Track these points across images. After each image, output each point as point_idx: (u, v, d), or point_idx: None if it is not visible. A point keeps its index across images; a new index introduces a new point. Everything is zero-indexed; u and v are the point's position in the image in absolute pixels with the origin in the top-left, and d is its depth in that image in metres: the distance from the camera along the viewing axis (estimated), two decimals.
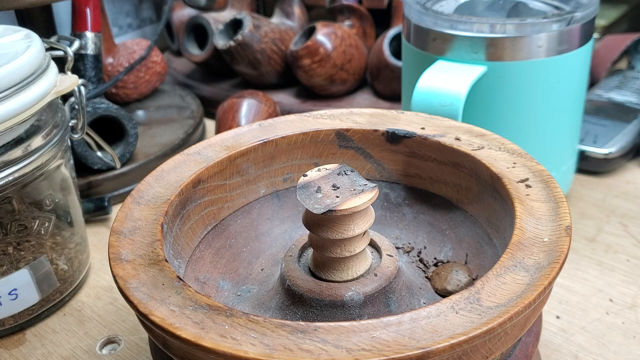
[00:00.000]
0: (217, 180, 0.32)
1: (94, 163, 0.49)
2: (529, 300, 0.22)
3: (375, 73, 0.59)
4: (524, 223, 0.26)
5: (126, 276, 0.24)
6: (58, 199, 0.38)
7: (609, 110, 0.53)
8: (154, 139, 0.55)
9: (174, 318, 0.22)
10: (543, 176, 0.29)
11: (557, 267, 0.23)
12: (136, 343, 0.36)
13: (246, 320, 0.22)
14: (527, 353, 0.27)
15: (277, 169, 0.35)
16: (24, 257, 0.36)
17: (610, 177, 0.49)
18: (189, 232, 0.31)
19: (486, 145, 0.32)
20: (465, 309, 0.21)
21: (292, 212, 0.35)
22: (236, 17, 0.61)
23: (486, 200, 0.31)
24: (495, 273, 0.23)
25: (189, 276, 0.30)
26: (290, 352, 0.20)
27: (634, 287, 0.37)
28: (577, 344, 0.34)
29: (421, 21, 0.39)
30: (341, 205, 0.26)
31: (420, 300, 0.29)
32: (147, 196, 0.29)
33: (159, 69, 0.61)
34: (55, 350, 0.36)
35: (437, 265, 0.32)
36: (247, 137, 0.34)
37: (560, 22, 0.36)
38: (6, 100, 0.32)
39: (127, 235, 0.27)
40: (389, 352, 0.20)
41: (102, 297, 0.40)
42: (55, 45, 0.43)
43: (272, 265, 0.32)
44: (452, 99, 0.35)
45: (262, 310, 0.29)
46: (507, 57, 0.37)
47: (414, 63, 0.41)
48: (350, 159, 0.35)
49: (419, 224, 0.34)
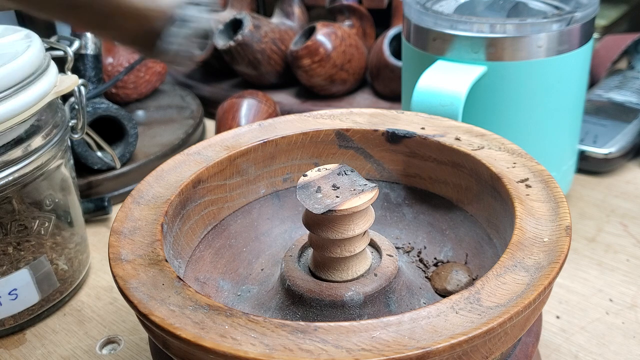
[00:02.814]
0: (217, 180, 0.32)
1: (94, 163, 0.49)
2: (529, 300, 0.22)
3: (375, 73, 0.59)
4: (524, 223, 0.26)
5: (126, 276, 0.24)
6: (58, 199, 0.38)
7: (609, 110, 0.53)
8: (154, 139, 0.55)
9: (174, 318, 0.22)
10: (543, 176, 0.29)
11: (557, 267, 0.23)
12: (136, 343, 0.36)
13: (246, 320, 0.22)
14: (527, 353, 0.27)
15: (277, 169, 0.35)
16: (24, 257, 0.36)
17: (610, 177, 0.49)
18: (189, 232, 0.31)
19: (486, 145, 0.32)
20: (465, 309, 0.21)
21: (292, 212, 0.35)
22: (236, 17, 0.61)
23: (486, 200, 0.31)
24: (495, 273, 0.23)
25: (189, 276, 0.30)
26: (290, 352, 0.20)
27: (634, 287, 0.37)
28: (577, 344, 0.34)
29: (421, 21, 0.39)
30: (341, 205, 0.26)
31: (420, 300, 0.29)
32: (147, 196, 0.29)
33: (159, 69, 0.61)
34: (55, 350, 0.36)
35: (437, 265, 0.32)
36: (247, 137, 0.34)
37: (560, 22, 0.36)
38: (6, 100, 0.32)
39: (127, 235, 0.27)
40: (389, 352, 0.20)
41: (102, 297, 0.40)
42: (55, 45, 0.43)
43: (272, 265, 0.32)
44: (452, 99, 0.35)
45: (262, 310, 0.29)
46: (507, 57, 0.37)
47: (414, 63, 0.41)
48: (350, 159, 0.35)
49: (419, 224, 0.34)
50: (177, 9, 0.18)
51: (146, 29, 0.18)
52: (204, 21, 0.18)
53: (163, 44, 0.18)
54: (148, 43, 0.18)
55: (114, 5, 0.17)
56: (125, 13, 0.17)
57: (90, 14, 0.18)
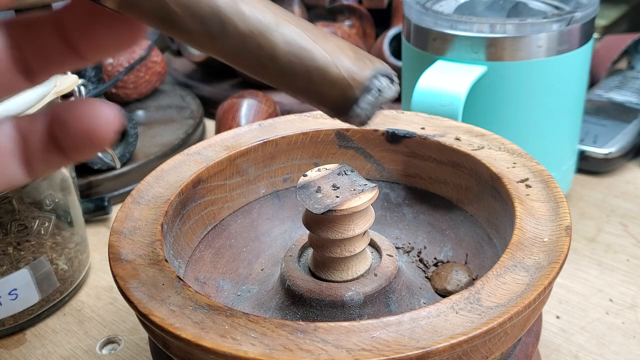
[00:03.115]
0: (217, 180, 0.32)
1: (94, 163, 0.49)
2: (529, 300, 0.22)
3: None
4: (524, 223, 0.26)
5: (126, 276, 0.24)
6: (58, 198, 0.38)
7: (609, 110, 0.53)
8: (154, 139, 0.55)
9: (174, 318, 0.22)
10: (543, 176, 0.29)
11: (557, 267, 0.23)
12: (136, 343, 0.36)
13: (246, 320, 0.22)
14: (527, 353, 0.27)
15: (277, 169, 0.35)
16: (24, 257, 0.36)
17: (610, 177, 0.49)
18: (189, 232, 0.31)
19: (486, 145, 0.32)
20: (465, 309, 0.21)
21: (292, 212, 0.35)
22: None
23: (486, 200, 0.31)
24: (495, 273, 0.23)
25: (189, 276, 0.30)
26: (290, 352, 0.20)
27: (634, 287, 0.37)
28: (577, 344, 0.34)
29: (421, 21, 0.39)
30: (341, 205, 0.26)
31: (420, 300, 0.29)
32: (147, 196, 0.29)
33: (159, 69, 0.61)
34: (55, 350, 0.36)
35: (437, 265, 0.32)
36: (247, 137, 0.34)
37: (560, 22, 0.36)
38: (6, 100, 0.32)
39: (127, 235, 0.27)
40: (389, 352, 0.20)
41: (102, 297, 0.40)
42: None
43: (272, 265, 0.32)
44: (452, 99, 0.35)
45: (262, 310, 0.29)
46: (507, 57, 0.37)
47: (414, 63, 0.41)
48: (350, 159, 0.35)
49: (419, 224, 0.34)
50: (375, 80, 0.20)
51: (346, 96, 0.20)
52: (392, 91, 0.20)
53: (357, 110, 0.20)
54: (344, 109, 0.20)
55: (322, 75, 0.20)
56: (330, 82, 0.20)
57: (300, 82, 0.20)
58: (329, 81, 0.20)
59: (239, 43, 0.19)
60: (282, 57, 0.20)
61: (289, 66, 0.20)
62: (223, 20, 0.19)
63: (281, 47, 0.20)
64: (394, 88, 0.20)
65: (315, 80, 0.20)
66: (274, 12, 0.20)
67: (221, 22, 0.19)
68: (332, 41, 0.20)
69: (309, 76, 0.20)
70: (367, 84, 0.20)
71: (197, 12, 0.19)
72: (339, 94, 0.20)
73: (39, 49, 0.22)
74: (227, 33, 0.19)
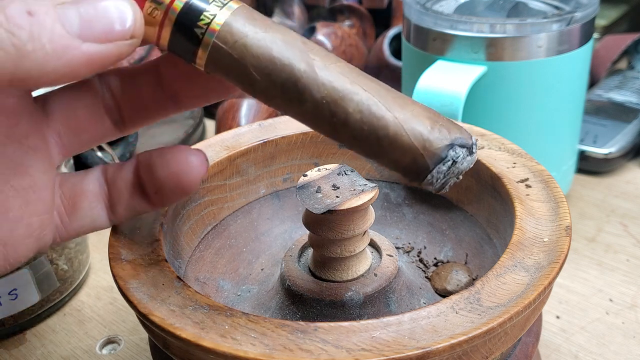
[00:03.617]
0: (217, 180, 0.32)
1: (94, 163, 0.49)
2: (529, 300, 0.22)
3: (375, 73, 0.59)
4: (524, 223, 0.26)
5: (126, 276, 0.24)
6: None
7: (609, 110, 0.53)
8: (154, 139, 0.55)
9: (174, 318, 0.22)
10: (543, 176, 0.29)
11: (557, 267, 0.23)
12: (136, 343, 0.36)
13: (246, 320, 0.22)
14: (527, 353, 0.27)
15: (277, 169, 0.35)
16: None
17: (610, 177, 0.49)
18: (189, 232, 0.31)
19: (486, 145, 0.32)
20: (465, 309, 0.21)
21: (292, 212, 0.35)
22: None
23: (486, 200, 0.31)
24: (495, 273, 0.23)
25: (189, 276, 0.30)
26: (290, 352, 0.20)
27: (634, 287, 0.37)
28: (577, 344, 0.34)
29: (421, 21, 0.39)
30: (341, 205, 0.26)
31: (420, 300, 0.29)
32: None
33: None
34: (55, 350, 0.36)
35: (437, 265, 0.32)
36: (247, 137, 0.34)
37: (560, 22, 0.36)
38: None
39: (127, 235, 0.27)
40: (389, 352, 0.20)
41: (102, 297, 0.40)
42: None
43: (272, 265, 0.32)
44: (452, 99, 0.35)
45: (262, 310, 0.29)
46: (507, 57, 0.37)
47: (414, 63, 0.41)
48: (350, 159, 0.35)
49: (419, 224, 0.34)
50: (450, 150, 0.20)
51: (418, 165, 0.20)
52: (468, 162, 0.21)
53: (430, 179, 0.21)
54: (417, 176, 0.21)
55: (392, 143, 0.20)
56: (401, 150, 0.20)
57: (372, 148, 0.21)
58: (400, 149, 0.20)
59: (314, 109, 0.20)
60: (353, 124, 0.20)
61: (360, 133, 0.20)
62: (300, 90, 0.20)
63: (353, 115, 0.20)
64: (470, 159, 0.20)
65: (386, 147, 0.20)
66: (350, 78, 0.20)
67: (298, 91, 0.20)
68: (409, 108, 0.21)
69: (380, 143, 0.20)
70: (440, 154, 0.20)
71: (276, 80, 0.20)
72: (410, 161, 0.20)
73: (137, 98, 0.23)
74: (303, 100, 0.20)
